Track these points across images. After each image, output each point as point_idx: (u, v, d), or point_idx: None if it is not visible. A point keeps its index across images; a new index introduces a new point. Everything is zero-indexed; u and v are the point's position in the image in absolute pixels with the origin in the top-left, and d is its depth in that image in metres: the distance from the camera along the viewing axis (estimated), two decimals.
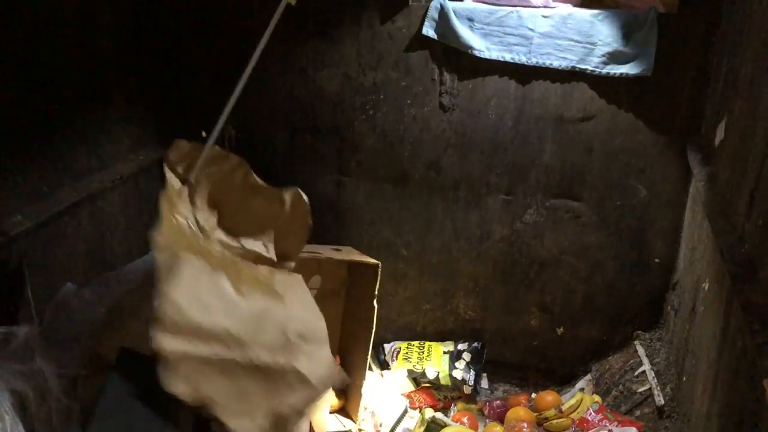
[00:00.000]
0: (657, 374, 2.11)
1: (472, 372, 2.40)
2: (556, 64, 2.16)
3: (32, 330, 1.48)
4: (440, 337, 2.59)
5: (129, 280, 1.74)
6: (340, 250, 2.27)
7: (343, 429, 2.15)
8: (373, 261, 2.16)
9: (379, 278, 2.14)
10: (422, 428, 2.19)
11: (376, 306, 2.12)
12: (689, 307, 1.91)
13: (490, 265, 2.48)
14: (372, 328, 2.13)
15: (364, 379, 2.18)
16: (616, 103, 2.18)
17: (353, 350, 2.24)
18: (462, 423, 2.25)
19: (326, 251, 2.20)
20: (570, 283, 2.43)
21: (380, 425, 2.19)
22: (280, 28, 2.33)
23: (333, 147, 2.45)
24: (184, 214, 1.56)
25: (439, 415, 2.22)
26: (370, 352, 2.19)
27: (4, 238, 1.66)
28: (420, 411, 2.29)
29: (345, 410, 2.26)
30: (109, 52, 2.17)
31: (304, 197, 1.70)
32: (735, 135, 1.62)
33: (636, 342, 2.35)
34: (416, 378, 2.44)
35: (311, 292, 2.17)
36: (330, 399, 2.17)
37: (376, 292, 2.13)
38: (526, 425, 2.13)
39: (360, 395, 2.18)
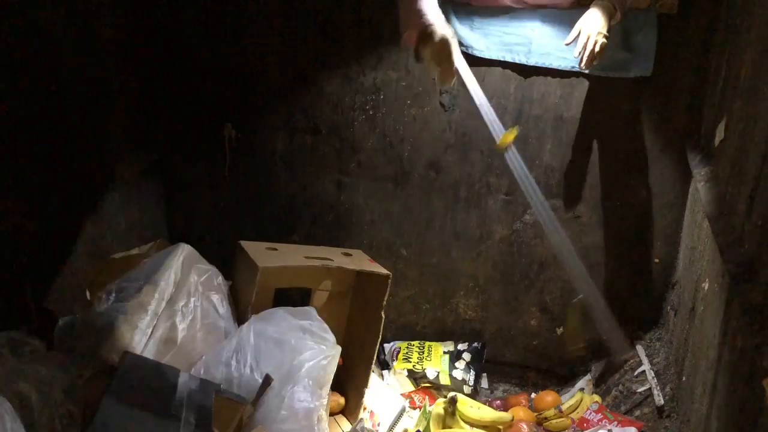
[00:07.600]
0: (657, 374, 2.11)
1: (472, 372, 2.40)
2: (556, 64, 2.16)
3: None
4: (440, 337, 2.58)
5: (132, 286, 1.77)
6: (351, 254, 2.25)
7: None
8: (384, 271, 2.11)
9: (388, 289, 2.09)
10: (423, 425, 2.18)
11: (383, 316, 2.08)
12: (689, 307, 1.91)
13: (490, 265, 2.48)
14: (378, 337, 2.09)
15: (366, 386, 2.13)
16: (616, 103, 2.18)
17: (356, 354, 2.20)
18: None
19: (337, 257, 2.18)
20: (570, 283, 2.42)
21: (378, 425, 2.18)
22: (280, 28, 2.35)
23: (333, 147, 2.45)
24: None
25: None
26: (374, 360, 2.17)
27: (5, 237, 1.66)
28: (420, 411, 2.29)
29: (345, 413, 2.25)
30: (110, 55, 2.17)
31: None
32: (735, 135, 1.62)
33: (636, 342, 2.35)
34: (416, 378, 2.44)
35: (323, 294, 2.17)
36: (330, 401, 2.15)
37: (384, 302, 2.08)
38: (525, 425, 2.13)
39: (361, 401, 2.15)
